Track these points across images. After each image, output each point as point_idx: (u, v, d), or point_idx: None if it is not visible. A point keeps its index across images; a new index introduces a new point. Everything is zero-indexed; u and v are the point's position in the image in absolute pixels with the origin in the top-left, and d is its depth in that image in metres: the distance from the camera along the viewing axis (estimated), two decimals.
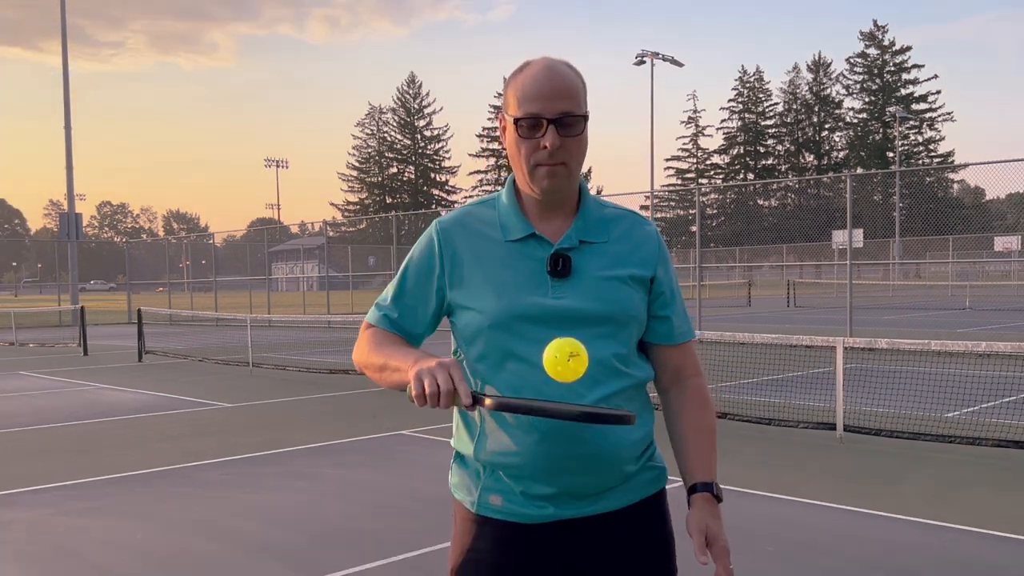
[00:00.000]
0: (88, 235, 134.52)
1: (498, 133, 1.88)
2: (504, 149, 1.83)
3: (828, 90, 77.55)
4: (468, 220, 1.85)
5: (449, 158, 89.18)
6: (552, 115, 1.71)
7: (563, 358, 1.58)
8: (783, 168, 79.89)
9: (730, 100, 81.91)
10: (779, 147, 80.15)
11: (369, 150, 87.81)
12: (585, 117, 1.75)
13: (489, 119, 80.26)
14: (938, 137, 72.71)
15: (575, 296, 1.75)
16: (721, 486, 1.85)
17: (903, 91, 73.35)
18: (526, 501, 1.75)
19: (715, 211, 77.18)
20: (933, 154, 71.98)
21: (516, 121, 1.73)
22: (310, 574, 4.48)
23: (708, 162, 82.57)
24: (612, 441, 1.74)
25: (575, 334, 1.72)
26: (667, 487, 1.91)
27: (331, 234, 59.51)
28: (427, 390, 1.55)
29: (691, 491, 1.82)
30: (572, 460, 1.72)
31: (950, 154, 72.34)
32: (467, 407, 1.55)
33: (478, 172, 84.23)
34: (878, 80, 74.15)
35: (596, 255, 1.79)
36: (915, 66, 73.37)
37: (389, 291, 1.91)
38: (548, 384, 1.70)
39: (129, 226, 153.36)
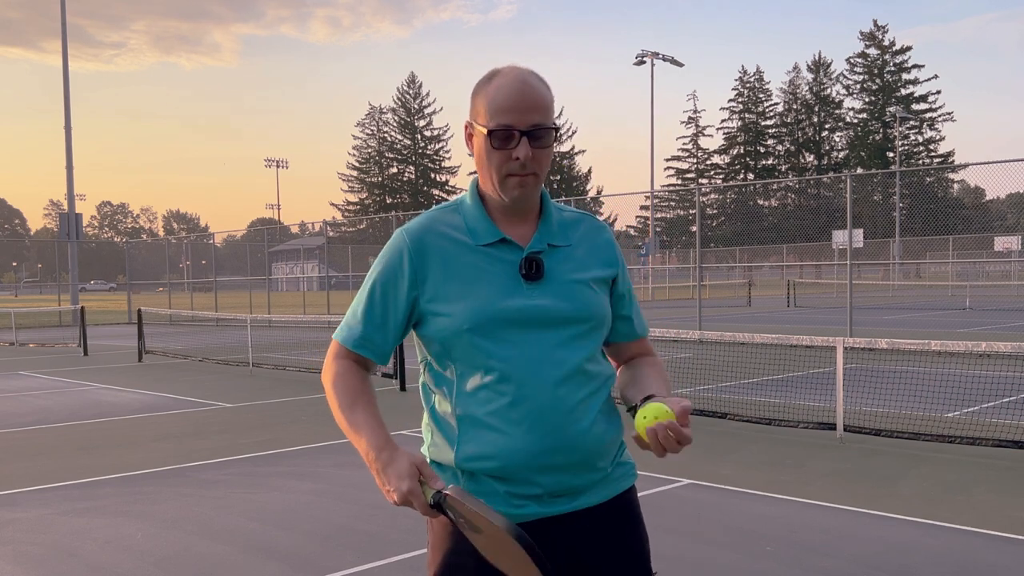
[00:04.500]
0: (88, 235, 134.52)
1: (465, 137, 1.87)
2: (471, 153, 1.85)
3: (828, 90, 77.54)
4: (435, 226, 1.85)
5: (449, 158, 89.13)
6: (524, 127, 1.74)
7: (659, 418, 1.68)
8: (783, 168, 79.87)
9: (730, 100, 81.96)
10: (779, 147, 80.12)
11: (369, 150, 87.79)
12: (556, 129, 1.79)
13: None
14: (938, 137, 72.70)
15: (549, 299, 1.78)
16: (721, 486, 1.88)
17: (903, 91, 73.34)
18: (509, 501, 1.77)
19: (715, 211, 77.18)
20: (933, 154, 71.96)
21: (489, 133, 1.75)
22: (310, 574, 4.48)
23: (708, 162, 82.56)
24: (591, 441, 1.79)
25: (551, 335, 1.76)
26: (637, 483, 1.99)
27: (331, 234, 59.52)
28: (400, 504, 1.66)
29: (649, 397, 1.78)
30: (553, 459, 1.76)
31: (950, 154, 72.33)
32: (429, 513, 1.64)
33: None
34: (878, 80, 74.13)
35: (564, 258, 1.84)
36: (915, 66, 73.39)
37: (359, 306, 1.86)
38: (525, 386, 1.74)
39: (129, 226, 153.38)
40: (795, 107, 78.58)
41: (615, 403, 1.93)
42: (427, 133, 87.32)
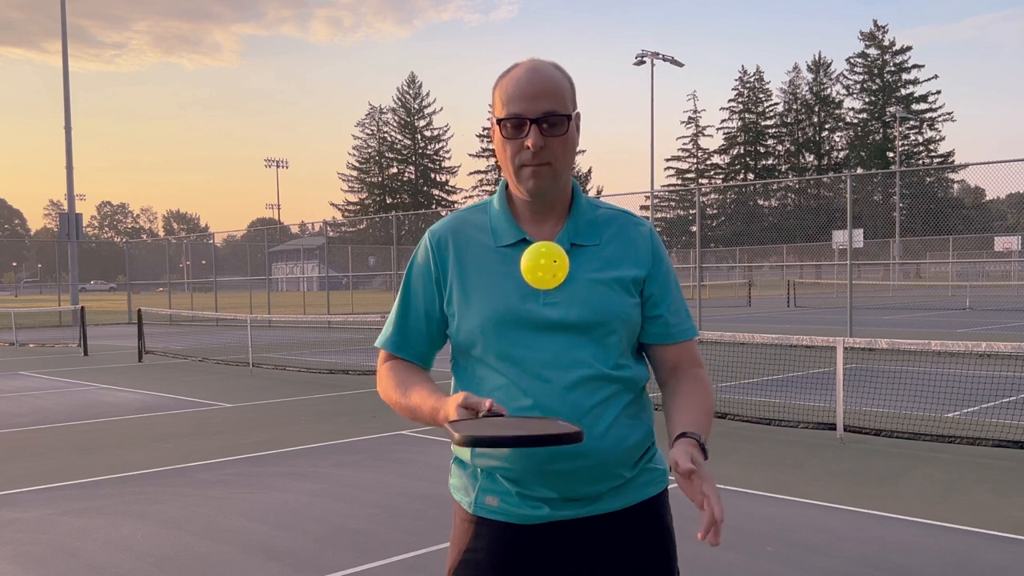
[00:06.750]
0: (88, 235, 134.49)
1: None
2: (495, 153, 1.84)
3: (828, 90, 77.57)
4: (460, 226, 1.85)
5: (449, 158, 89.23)
6: (534, 115, 1.70)
7: (546, 264, 1.61)
8: (783, 168, 79.88)
9: (730, 100, 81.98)
10: (779, 147, 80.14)
11: (369, 150, 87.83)
12: (569, 117, 1.74)
13: (490, 119, 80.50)
14: (938, 137, 72.73)
15: (565, 302, 1.74)
16: (721, 486, 1.84)
17: (903, 91, 73.35)
18: (522, 502, 1.75)
19: (715, 211, 77.18)
20: (933, 154, 71.98)
21: (500, 122, 1.73)
22: (310, 574, 4.48)
23: (708, 162, 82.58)
24: (606, 447, 1.73)
25: (565, 339, 1.73)
26: (668, 488, 1.90)
27: (331, 234, 59.48)
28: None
29: (675, 440, 1.67)
30: (563, 465, 1.72)
31: (950, 154, 72.35)
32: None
33: (478, 172, 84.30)
34: (878, 80, 74.14)
35: (587, 258, 1.79)
36: (915, 66, 73.42)
37: (393, 310, 1.91)
38: (536, 389, 1.72)
39: (129, 226, 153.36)
40: (795, 107, 78.59)
41: (648, 405, 1.86)
42: (427, 133, 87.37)
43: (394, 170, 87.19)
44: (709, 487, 1.54)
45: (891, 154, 71.95)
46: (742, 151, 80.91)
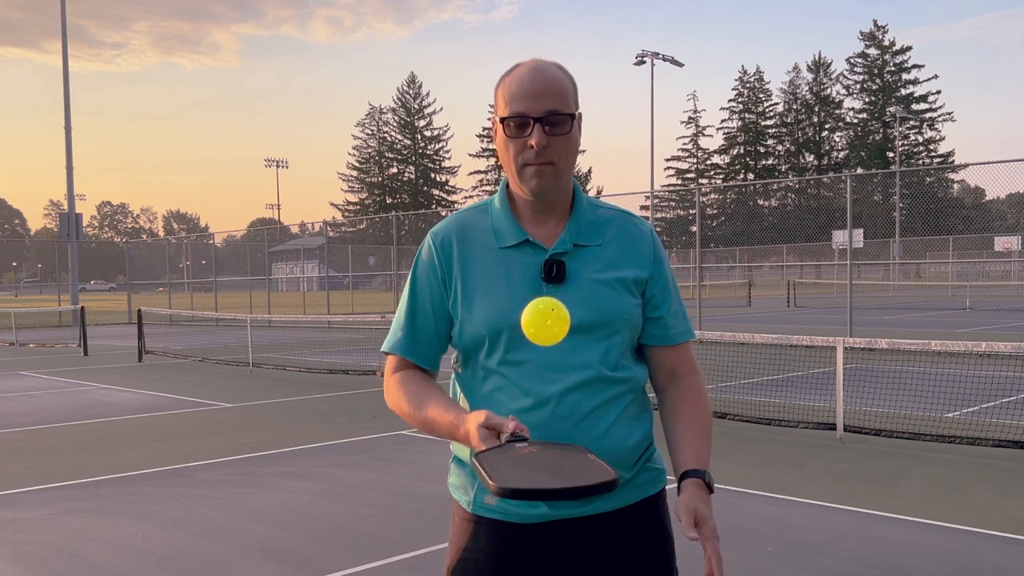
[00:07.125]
0: (88, 235, 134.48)
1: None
2: (497, 152, 1.83)
3: (828, 90, 77.54)
4: (462, 227, 1.84)
5: (449, 158, 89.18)
6: (538, 114, 1.70)
7: (543, 320, 1.60)
8: (783, 168, 79.85)
9: (730, 100, 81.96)
10: (779, 147, 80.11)
11: (369, 150, 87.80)
12: (573, 116, 1.74)
13: (490, 119, 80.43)
14: (938, 137, 72.72)
15: (568, 303, 1.73)
16: (721, 486, 1.84)
17: (903, 91, 73.33)
18: (520, 501, 1.75)
19: (715, 211, 77.16)
20: (933, 154, 71.97)
21: (503, 120, 1.73)
22: (310, 574, 4.48)
23: (708, 162, 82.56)
24: (605, 448, 1.73)
25: (568, 340, 1.72)
26: (666, 488, 1.90)
27: (331, 234, 59.48)
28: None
29: (681, 478, 1.75)
30: None
31: (950, 154, 72.34)
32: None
33: (478, 172, 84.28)
34: (878, 80, 74.12)
35: (590, 259, 1.78)
36: (915, 66, 73.39)
37: (399, 315, 1.88)
38: (537, 391, 1.72)
39: (129, 226, 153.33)
40: (795, 107, 78.56)
41: (647, 406, 1.87)
42: (427, 133, 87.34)
43: (394, 170, 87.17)
44: (712, 548, 1.61)
45: (891, 154, 71.93)
46: (742, 151, 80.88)
